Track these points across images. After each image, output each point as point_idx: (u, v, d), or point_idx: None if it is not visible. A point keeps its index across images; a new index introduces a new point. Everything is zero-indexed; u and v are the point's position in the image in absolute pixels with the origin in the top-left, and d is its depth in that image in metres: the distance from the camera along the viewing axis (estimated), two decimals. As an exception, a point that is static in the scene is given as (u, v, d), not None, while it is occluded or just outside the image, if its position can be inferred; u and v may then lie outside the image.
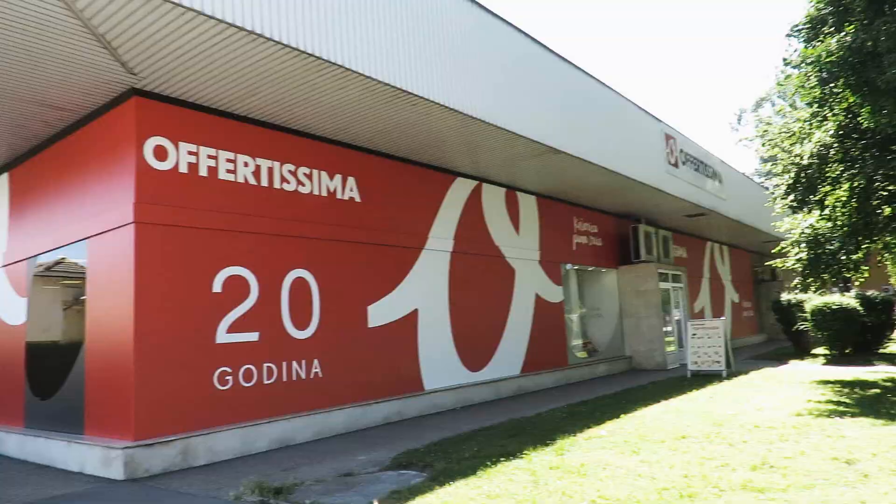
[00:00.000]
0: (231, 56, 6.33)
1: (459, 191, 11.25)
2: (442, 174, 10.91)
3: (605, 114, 12.48)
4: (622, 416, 8.46)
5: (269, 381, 7.69)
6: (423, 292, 10.12)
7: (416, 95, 7.66)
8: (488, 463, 6.02)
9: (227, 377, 7.26)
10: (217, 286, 7.31)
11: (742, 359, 17.14)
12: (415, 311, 9.93)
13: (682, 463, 5.82)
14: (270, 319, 7.81)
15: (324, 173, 8.78)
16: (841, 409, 8.41)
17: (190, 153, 7.27)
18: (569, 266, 14.96)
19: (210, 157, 7.46)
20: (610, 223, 16.27)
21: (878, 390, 10.21)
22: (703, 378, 12.66)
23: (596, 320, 16.37)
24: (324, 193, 8.75)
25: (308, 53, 6.37)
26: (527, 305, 12.65)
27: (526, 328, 12.51)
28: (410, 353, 9.81)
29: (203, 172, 7.37)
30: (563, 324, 13.91)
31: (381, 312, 9.33)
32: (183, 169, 7.18)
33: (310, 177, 8.59)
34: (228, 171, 7.63)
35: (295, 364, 8.02)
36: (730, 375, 12.88)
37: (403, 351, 9.69)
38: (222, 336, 7.27)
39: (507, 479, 5.46)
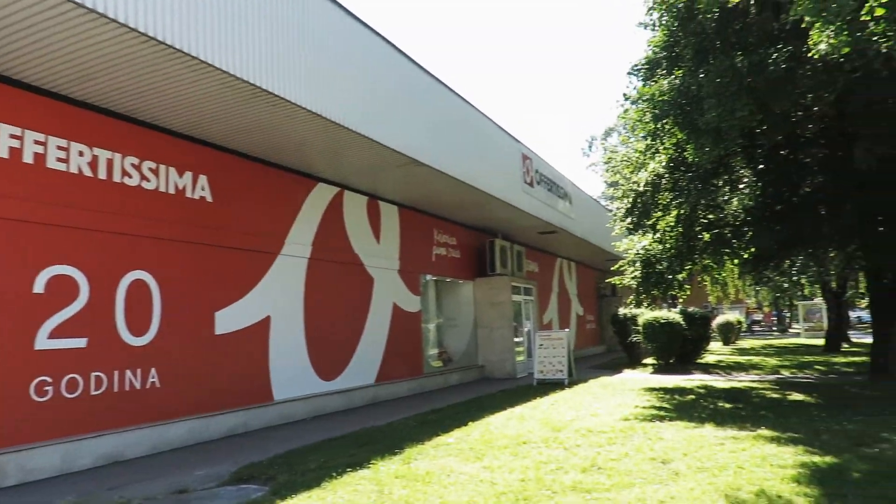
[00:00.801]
0: (67, 34, 5.76)
1: (320, 197, 11.07)
2: (303, 178, 10.68)
3: (469, 131, 12.91)
4: (470, 423, 8.73)
5: (98, 392, 7.03)
6: (277, 299, 9.81)
7: (277, 96, 7.44)
8: (334, 474, 5.94)
9: (47, 387, 6.54)
10: (39, 286, 6.58)
11: (584, 368, 18.38)
12: (267, 319, 9.59)
13: (521, 467, 6.12)
14: (102, 324, 7.16)
15: (172, 169, 8.25)
16: (662, 413, 9.30)
17: (13, 136, 6.51)
18: (428, 277, 15.24)
19: (38, 142, 6.73)
20: (468, 236, 16.81)
21: (693, 396, 11.42)
22: (548, 386, 13.42)
23: (452, 330, 16.80)
24: (171, 191, 8.21)
25: (158, 40, 5.96)
26: (384, 314, 12.69)
27: (382, 337, 12.54)
28: (260, 362, 9.45)
29: (28, 159, 6.62)
30: (419, 333, 14.12)
31: (229, 319, 8.90)
32: (2, 153, 6.40)
33: (156, 172, 8.02)
34: (59, 159, 6.92)
35: (129, 373, 7.41)
36: (571, 384, 13.77)
37: (252, 360, 9.31)
38: (42, 342, 6.55)
39: (352, 490, 5.43)
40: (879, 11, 5.33)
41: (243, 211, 9.33)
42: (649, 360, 18.69)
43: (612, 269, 17.02)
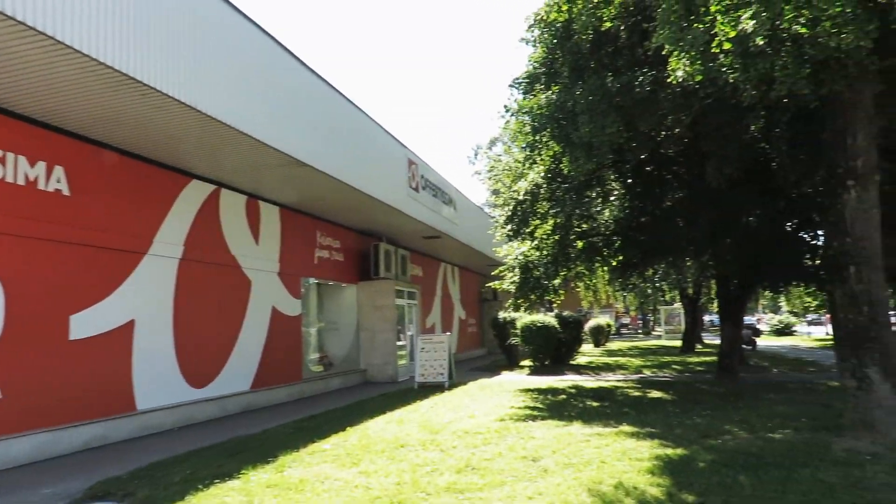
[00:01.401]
0: None
1: (194, 194, 10.50)
2: (175, 174, 10.07)
3: (354, 134, 12.80)
4: (348, 428, 8.64)
5: (-77, 406, 6.22)
6: (142, 302, 9.17)
7: (147, 86, 6.95)
8: (200, 486, 5.65)
9: None
10: None
11: (465, 370, 18.77)
12: (131, 323, 8.94)
13: (398, 471, 6.15)
14: (-70, 329, 6.35)
15: (22, 158, 7.49)
16: (535, 413, 9.71)
17: None
18: (311, 280, 14.92)
19: None
20: (352, 239, 16.65)
21: (564, 396, 12.03)
22: (429, 389, 13.57)
23: (334, 334, 16.55)
24: (20, 181, 7.45)
25: (6, 15, 5.39)
26: (262, 318, 12.26)
27: (260, 342, 12.10)
28: (122, 370, 8.79)
29: None
30: (299, 338, 13.77)
31: (86, 323, 8.21)
32: None
33: (2, 160, 7.25)
34: None
35: (-37, 384, 6.62)
36: (452, 386, 14.01)
37: (113, 367, 8.64)
38: None
39: (219, 502, 5.19)
40: (727, 45, 5.91)
41: (106, 206, 8.64)
42: (526, 362, 19.43)
43: (493, 273, 17.54)
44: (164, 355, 9.60)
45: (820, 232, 13.00)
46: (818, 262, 12.57)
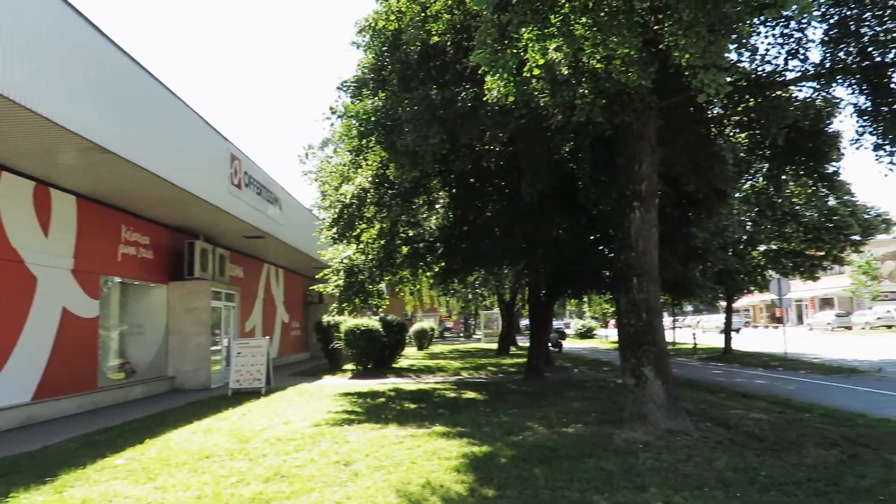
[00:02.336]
0: None
1: (-35, 176, 9.05)
2: (-61, 151, 8.61)
3: (170, 123, 11.86)
4: (147, 440, 7.96)
5: None
6: None
7: None
8: (-48, 516, 4.87)
9: None
10: None
11: (285, 375, 18.21)
12: None
13: (199, 484, 5.80)
14: None
15: None
16: (352, 417, 9.70)
17: None
18: (114, 278, 13.56)
19: None
20: (164, 236, 15.41)
21: (383, 399, 12.17)
22: (243, 396, 12.96)
23: (138, 338, 15.16)
24: None
25: None
26: (50, 321, 10.86)
27: (46, 347, 10.71)
28: None
29: None
30: (95, 342, 12.41)
31: None
32: None
33: None
34: None
35: None
36: (269, 392, 13.51)
37: None
38: None
39: (-24, 533, 4.51)
40: (536, 71, 6.43)
41: None
42: (349, 366, 19.36)
43: (317, 276, 17.26)
44: (-85, 364, 8.13)
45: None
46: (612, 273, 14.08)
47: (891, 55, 8.35)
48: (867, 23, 8.02)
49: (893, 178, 57.42)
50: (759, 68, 8.56)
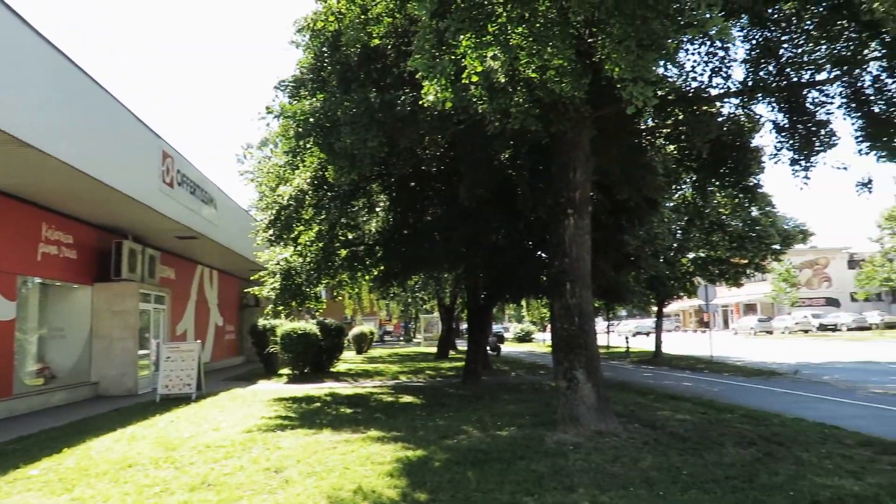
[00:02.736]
0: None
1: None
2: None
3: (97, 117, 11.35)
4: (65, 450, 7.57)
5: None
6: None
7: None
8: None
9: None
10: None
11: (218, 380, 17.69)
12: None
13: (120, 494, 5.57)
14: None
15: None
16: (286, 423, 9.52)
17: None
18: (35, 279, 12.86)
19: None
20: (90, 235, 14.72)
21: (319, 404, 11.99)
22: (172, 402, 12.51)
23: (59, 342, 14.41)
24: None
25: None
26: (-41, 323, 10.21)
27: (-46, 352, 10.05)
28: None
29: None
30: (11, 346, 11.72)
31: None
32: None
33: None
34: None
35: None
36: (200, 398, 13.10)
37: None
38: None
39: None
40: (475, 78, 6.51)
41: None
42: (286, 371, 18.99)
43: (252, 278, 16.87)
44: None
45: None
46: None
47: (806, 76, 8.90)
48: (785, 45, 8.51)
49: (809, 191, 60.77)
50: (686, 84, 8.94)
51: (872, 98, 8.60)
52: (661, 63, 5.92)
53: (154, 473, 6.36)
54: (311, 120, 8.83)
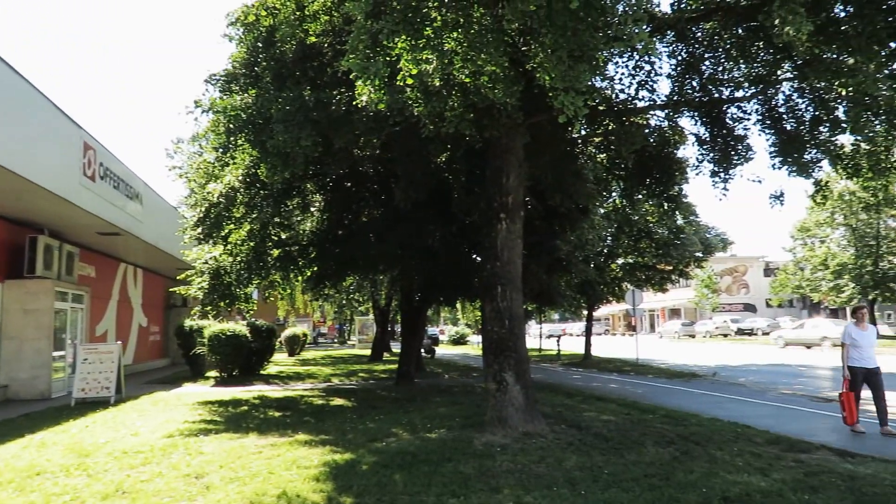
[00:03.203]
0: None
1: None
2: None
3: (9, 103, 10.69)
4: (-35, 458, 7.10)
5: None
6: None
7: None
8: None
9: None
10: None
11: (140, 383, 16.98)
12: None
13: (25, 504, 5.26)
14: None
15: None
16: (210, 427, 9.23)
17: None
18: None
19: None
20: (1, 229, 13.84)
21: (246, 407, 11.68)
22: (89, 406, 11.91)
23: (-37, 343, 13.48)
24: None
25: None
26: None
27: None
28: None
29: None
30: None
31: None
32: None
33: None
34: None
35: None
36: (118, 402, 12.52)
37: None
38: None
39: None
40: (409, 80, 6.51)
41: None
42: (213, 373, 18.41)
43: (178, 278, 16.28)
44: None
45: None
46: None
47: (726, 92, 9.38)
48: (707, 62, 8.94)
49: (729, 202, 64.10)
50: (615, 95, 9.24)
51: (785, 116, 9.15)
52: (592, 74, 6.09)
53: (64, 481, 6.04)
54: (243, 116, 8.62)
